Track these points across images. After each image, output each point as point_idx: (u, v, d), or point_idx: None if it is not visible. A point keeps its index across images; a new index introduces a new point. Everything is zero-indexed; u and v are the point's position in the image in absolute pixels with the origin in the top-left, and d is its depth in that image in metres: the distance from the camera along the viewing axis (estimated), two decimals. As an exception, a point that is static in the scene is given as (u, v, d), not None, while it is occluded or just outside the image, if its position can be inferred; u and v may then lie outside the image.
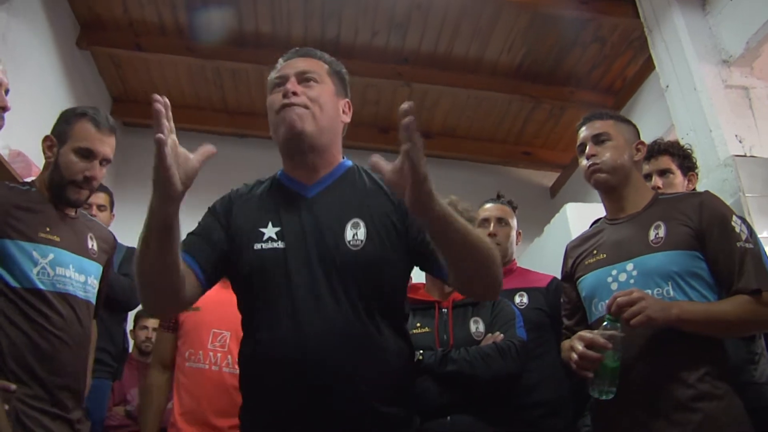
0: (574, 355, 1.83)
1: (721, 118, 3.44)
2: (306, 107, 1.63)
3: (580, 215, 3.81)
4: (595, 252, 2.09)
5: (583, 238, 2.22)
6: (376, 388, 1.53)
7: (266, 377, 1.53)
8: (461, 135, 5.98)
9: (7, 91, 1.99)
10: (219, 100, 5.63)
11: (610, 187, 2.12)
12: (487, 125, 5.85)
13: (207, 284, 1.59)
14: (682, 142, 3.49)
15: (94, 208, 3.21)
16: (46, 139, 2.17)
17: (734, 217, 1.93)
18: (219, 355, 2.45)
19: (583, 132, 2.17)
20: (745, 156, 3.31)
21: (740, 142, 3.39)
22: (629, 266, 1.96)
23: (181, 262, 1.45)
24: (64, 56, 4.66)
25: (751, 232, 1.94)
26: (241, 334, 1.67)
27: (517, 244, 3.00)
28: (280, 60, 1.79)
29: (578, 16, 4.59)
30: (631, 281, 1.93)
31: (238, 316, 1.65)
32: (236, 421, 1.66)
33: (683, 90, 3.68)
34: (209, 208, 1.72)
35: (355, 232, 1.60)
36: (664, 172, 2.65)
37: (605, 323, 1.82)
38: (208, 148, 1.34)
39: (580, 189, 5.62)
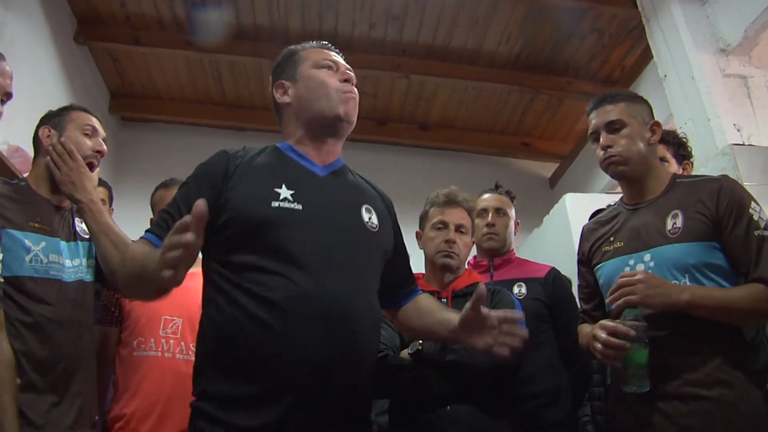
0: (598, 344, 1.82)
1: (719, 107, 3.43)
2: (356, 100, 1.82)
3: (579, 206, 3.82)
4: (612, 239, 2.06)
5: (600, 222, 2.18)
6: (372, 359, 1.65)
7: (284, 332, 1.48)
8: (460, 126, 5.98)
9: (8, 95, 1.99)
10: (217, 94, 5.62)
11: (629, 177, 2.07)
12: (485, 116, 5.84)
13: None
14: (680, 132, 3.49)
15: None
16: (42, 129, 2.19)
17: (753, 204, 1.88)
18: (172, 341, 2.43)
19: (595, 118, 2.10)
20: (743, 145, 3.31)
21: (738, 131, 3.39)
22: (647, 257, 1.93)
23: (153, 251, 1.48)
24: (62, 51, 4.66)
25: None
26: (195, 319, 1.66)
27: (515, 235, 3.01)
28: (312, 43, 1.93)
29: (576, 6, 4.59)
30: (651, 273, 1.88)
31: (191, 303, 1.63)
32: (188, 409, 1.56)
33: (681, 79, 3.68)
34: (203, 169, 1.70)
35: (370, 216, 1.73)
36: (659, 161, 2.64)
37: (626, 311, 1.82)
38: (200, 210, 1.24)
39: (579, 179, 5.63)
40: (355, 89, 1.83)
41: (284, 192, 1.63)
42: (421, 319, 1.80)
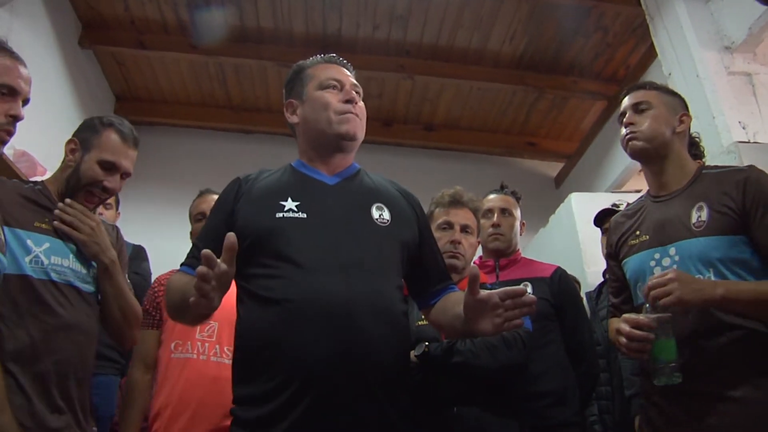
0: (622, 338, 1.81)
1: (724, 105, 3.42)
2: (358, 117, 1.85)
3: (585, 205, 3.83)
4: (638, 233, 2.06)
5: (626, 214, 2.18)
6: (395, 353, 1.64)
7: (298, 331, 1.53)
8: (465, 127, 5.98)
9: (26, 101, 1.97)
10: (222, 97, 5.63)
11: (648, 157, 2.07)
12: (490, 116, 5.84)
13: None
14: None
15: (101, 208, 3.22)
16: (69, 142, 2.13)
17: None
18: (207, 344, 2.46)
19: (625, 102, 2.13)
20: (748, 142, 3.30)
21: (744, 128, 3.38)
22: (672, 250, 1.92)
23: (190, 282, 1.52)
24: (67, 56, 4.68)
25: None
26: (232, 322, 1.74)
27: (521, 235, 3.01)
28: (319, 58, 1.96)
29: (580, 5, 4.58)
30: (674, 266, 1.88)
31: (227, 306, 1.66)
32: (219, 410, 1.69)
33: (686, 77, 3.67)
34: (218, 206, 1.81)
35: (381, 213, 1.76)
36: None
37: (647, 305, 1.80)
38: (230, 243, 1.40)
39: (584, 179, 5.62)
40: (360, 106, 1.87)
41: (289, 204, 1.70)
42: (445, 316, 1.78)
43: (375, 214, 1.74)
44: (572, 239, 3.85)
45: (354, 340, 1.53)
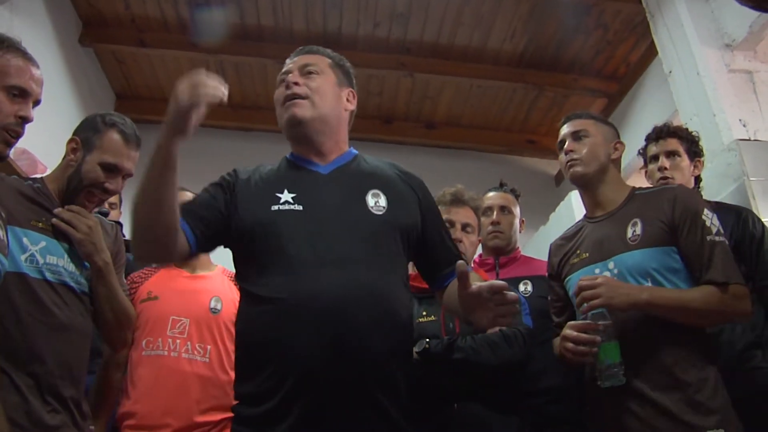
0: (568, 344, 1.90)
1: (724, 103, 3.43)
2: (305, 97, 1.78)
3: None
4: (578, 251, 2.16)
5: (566, 237, 2.29)
6: (392, 348, 1.60)
7: (295, 328, 1.52)
8: (465, 124, 5.97)
9: (37, 102, 1.95)
10: (223, 95, 5.61)
11: (587, 182, 2.20)
12: (490, 114, 5.84)
13: (196, 248, 1.65)
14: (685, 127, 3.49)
15: (106, 205, 3.22)
16: (71, 140, 2.12)
17: (705, 211, 1.98)
18: (178, 341, 2.46)
19: (564, 129, 2.28)
20: (749, 140, 3.30)
21: (744, 126, 3.38)
22: (611, 264, 2.02)
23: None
24: (67, 54, 4.68)
25: (722, 226, 1.99)
26: (202, 320, 1.75)
27: (520, 232, 3.01)
28: (288, 58, 1.92)
29: (580, 2, 4.59)
30: (609, 277, 1.98)
31: (198, 303, 1.70)
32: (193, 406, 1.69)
33: (686, 75, 3.67)
34: (215, 182, 1.78)
35: (377, 200, 1.72)
36: (671, 154, 2.67)
37: (592, 312, 1.89)
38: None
39: (585, 176, 5.61)
40: (312, 85, 1.80)
41: (285, 195, 1.68)
42: (450, 301, 1.77)
43: (370, 201, 1.71)
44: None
45: (348, 338, 1.51)
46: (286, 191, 1.69)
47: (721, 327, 2.26)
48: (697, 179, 2.71)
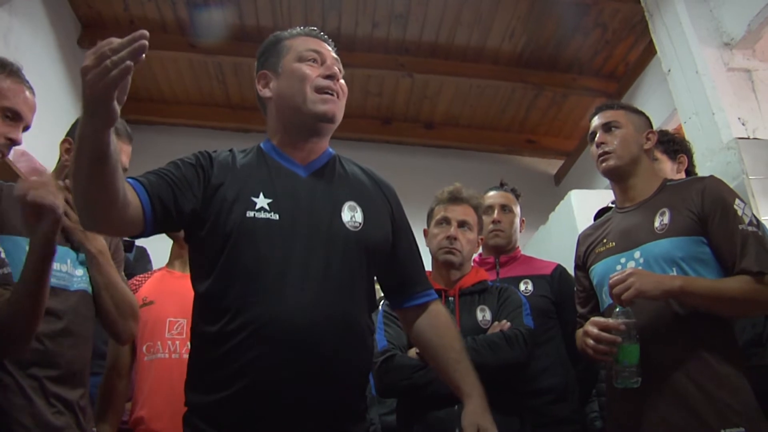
0: (590, 340, 1.88)
1: (723, 101, 3.42)
2: (339, 97, 1.70)
3: (584, 202, 3.82)
4: (605, 240, 2.14)
5: (595, 227, 2.28)
6: (358, 374, 1.58)
7: (255, 350, 1.45)
8: (464, 124, 5.98)
9: (27, 128, 1.95)
10: (222, 96, 5.63)
11: (619, 174, 2.17)
12: (489, 114, 5.84)
13: (153, 222, 1.48)
14: (684, 126, 3.49)
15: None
16: (64, 141, 2.14)
17: (737, 201, 1.95)
18: (178, 342, 2.44)
19: (595, 121, 2.24)
20: (748, 138, 3.30)
21: (743, 124, 3.38)
22: (636, 254, 2.00)
23: (127, 188, 1.41)
24: (66, 56, 4.68)
25: (756, 218, 1.96)
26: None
27: (521, 232, 3.01)
28: (299, 29, 1.82)
29: (579, 2, 4.59)
30: (639, 267, 1.96)
31: (192, 303, 1.61)
32: None
33: (685, 74, 3.67)
34: (190, 161, 1.63)
35: (353, 214, 1.64)
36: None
37: (617, 309, 1.87)
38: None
39: (584, 176, 5.62)
40: (341, 85, 1.72)
41: (261, 201, 1.57)
42: (435, 359, 1.77)
43: (346, 216, 1.63)
44: (572, 237, 3.82)
45: (314, 363, 1.46)
46: (262, 195, 1.58)
47: None
48: (689, 175, 2.70)
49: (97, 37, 4.88)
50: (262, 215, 1.55)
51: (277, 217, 1.56)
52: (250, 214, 1.55)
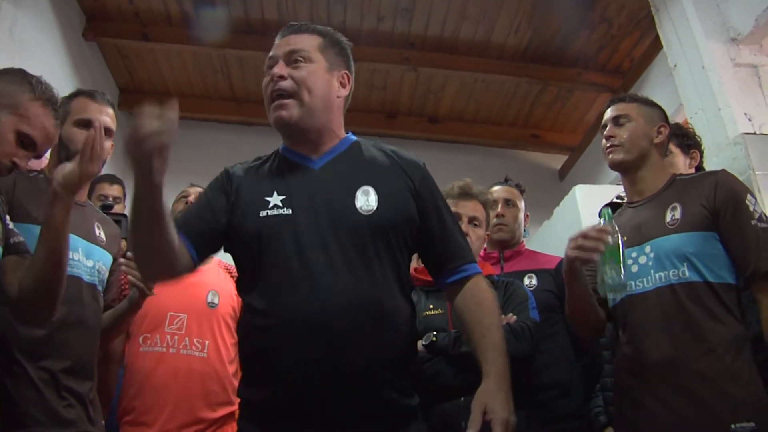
0: (577, 241, 1.90)
1: (730, 97, 3.41)
2: (292, 94, 1.65)
3: (589, 197, 3.80)
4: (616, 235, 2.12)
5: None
6: (393, 359, 1.55)
7: (283, 343, 1.49)
8: (469, 119, 5.96)
9: (38, 156, 1.89)
10: (226, 89, 5.63)
11: (626, 168, 2.17)
12: (494, 109, 5.83)
13: (199, 261, 1.61)
14: (690, 122, 3.47)
15: (111, 199, 3.22)
16: None
17: (749, 196, 1.95)
18: (176, 337, 2.46)
19: (607, 114, 2.24)
20: (754, 134, 3.28)
21: (750, 120, 3.37)
22: (647, 248, 2.00)
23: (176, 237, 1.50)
24: (71, 48, 4.67)
25: (765, 215, 1.96)
26: (201, 315, 1.72)
27: (525, 227, 3.01)
28: (278, 35, 1.79)
29: (585, -3, 4.57)
30: (650, 263, 1.97)
31: (195, 298, 1.66)
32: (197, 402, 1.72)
33: (691, 69, 3.66)
34: (215, 185, 1.72)
35: (366, 199, 1.63)
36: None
37: (602, 219, 1.93)
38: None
39: (589, 171, 5.61)
40: (296, 75, 1.66)
41: (274, 199, 1.61)
42: (469, 337, 1.70)
43: (360, 201, 1.61)
44: (576, 232, 3.83)
45: (336, 350, 1.47)
46: (275, 193, 1.62)
47: None
48: (699, 171, 2.69)
49: (102, 29, 4.86)
50: (275, 212, 1.58)
51: (290, 212, 1.58)
52: (263, 213, 1.59)
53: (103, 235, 2.21)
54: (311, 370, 1.47)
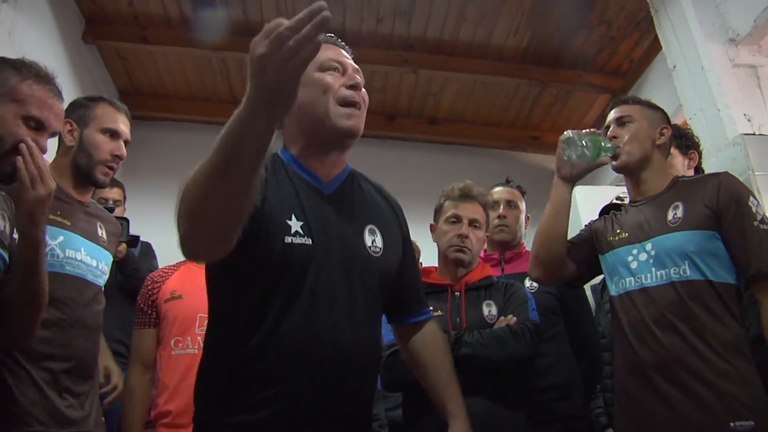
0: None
1: (729, 97, 3.41)
2: (361, 109, 1.63)
3: (588, 198, 3.81)
4: (618, 230, 2.16)
5: (608, 218, 2.29)
6: (375, 386, 1.67)
7: (294, 371, 1.45)
8: (468, 120, 5.96)
9: (54, 134, 1.89)
10: (226, 91, 5.62)
11: (629, 169, 2.19)
12: (494, 110, 5.83)
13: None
14: (690, 122, 3.48)
15: (111, 203, 3.22)
16: (65, 123, 2.12)
17: (751, 198, 1.98)
18: None
19: (610, 115, 2.27)
20: (754, 134, 3.29)
21: (749, 120, 3.37)
22: (648, 246, 2.03)
23: None
24: (70, 51, 4.68)
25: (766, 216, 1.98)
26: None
27: (526, 228, 3.01)
28: (330, 44, 1.73)
29: (584, -2, 4.57)
30: (650, 261, 2.00)
31: None
32: None
33: (690, 70, 3.66)
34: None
35: (374, 239, 1.63)
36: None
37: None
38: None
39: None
40: (363, 94, 1.65)
41: (294, 224, 1.52)
42: (425, 377, 1.79)
43: (368, 240, 1.61)
44: (576, 233, 3.83)
45: (346, 382, 1.49)
46: (293, 217, 1.53)
47: None
48: (698, 172, 2.70)
49: (101, 32, 4.86)
50: (298, 240, 1.51)
51: (310, 241, 1.52)
52: (288, 240, 1.50)
53: (104, 235, 2.22)
54: (316, 405, 1.46)
